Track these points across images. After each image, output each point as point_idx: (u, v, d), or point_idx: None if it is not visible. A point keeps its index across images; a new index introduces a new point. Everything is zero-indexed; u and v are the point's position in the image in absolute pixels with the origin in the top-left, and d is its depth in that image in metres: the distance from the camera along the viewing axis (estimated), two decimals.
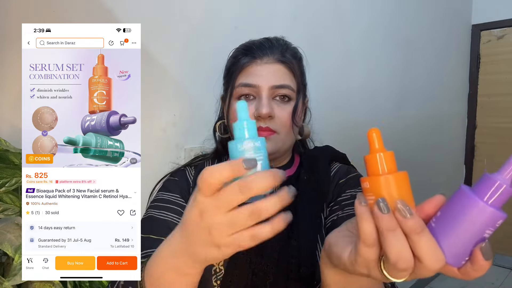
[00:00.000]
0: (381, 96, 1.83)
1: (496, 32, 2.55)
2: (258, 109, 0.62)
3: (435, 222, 0.33)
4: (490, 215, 0.30)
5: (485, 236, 0.31)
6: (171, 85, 0.99)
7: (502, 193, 0.30)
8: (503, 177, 0.30)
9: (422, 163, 2.19)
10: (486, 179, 0.31)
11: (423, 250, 0.31)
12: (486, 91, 2.61)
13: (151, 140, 0.96)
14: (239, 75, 0.66)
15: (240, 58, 0.67)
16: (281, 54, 0.66)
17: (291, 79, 0.66)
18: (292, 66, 0.66)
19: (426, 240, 0.31)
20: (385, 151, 0.33)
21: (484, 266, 0.31)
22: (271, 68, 0.65)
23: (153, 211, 0.64)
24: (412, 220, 0.30)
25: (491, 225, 0.30)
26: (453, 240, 0.31)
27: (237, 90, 0.66)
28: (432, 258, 0.31)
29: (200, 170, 0.72)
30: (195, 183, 0.70)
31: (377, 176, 0.32)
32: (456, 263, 0.32)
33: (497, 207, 0.30)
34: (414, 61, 2.06)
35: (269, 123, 0.63)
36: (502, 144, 2.54)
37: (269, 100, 0.63)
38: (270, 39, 0.69)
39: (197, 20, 1.04)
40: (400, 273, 0.32)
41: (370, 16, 1.71)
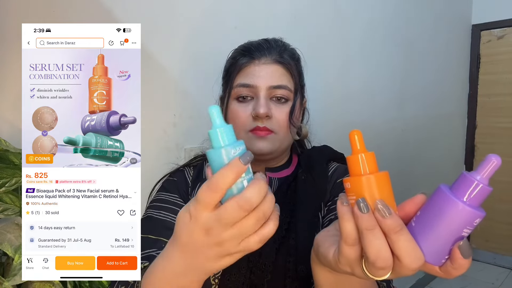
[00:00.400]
0: (381, 96, 1.83)
1: (496, 32, 2.55)
2: (255, 109, 0.63)
3: (415, 221, 0.33)
4: (468, 215, 0.30)
5: (463, 235, 0.31)
6: (171, 85, 0.99)
7: (480, 192, 0.30)
8: (481, 176, 0.31)
9: (422, 163, 2.19)
10: (464, 179, 0.31)
11: (401, 249, 0.31)
12: (486, 91, 2.61)
13: (151, 140, 0.96)
14: (237, 75, 0.67)
15: (239, 58, 0.68)
16: (279, 55, 0.67)
17: (288, 80, 0.67)
18: (290, 67, 0.67)
19: (404, 240, 0.31)
20: (366, 152, 0.34)
21: (463, 264, 0.32)
22: (269, 68, 0.65)
23: (152, 211, 0.65)
24: (390, 220, 0.31)
25: (469, 224, 0.31)
26: (432, 239, 0.31)
27: (235, 90, 0.66)
28: (411, 257, 0.31)
29: (199, 170, 0.73)
30: (194, 183, 0.70)
31: (359, 176, 0.33)
32: (436, 261, 0.32)
33: (475, 206, 0.30)
34: (414, 61, 2.06)
35: (266, 123, 0.64)
36: (502, 144, 2.54)
37: (267, 100, 0.64)
38: (269, 40, 0.70)
39: (197, 20, 1.04)
40: (379, 271, 0.32)
41: (370, 17, 1.71)
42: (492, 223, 2.60)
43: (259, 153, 0.64)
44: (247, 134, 0.65)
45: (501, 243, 2.56)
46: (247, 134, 0.65)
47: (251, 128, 0.64)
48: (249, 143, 0.64)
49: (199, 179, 0.71)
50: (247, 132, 0.65)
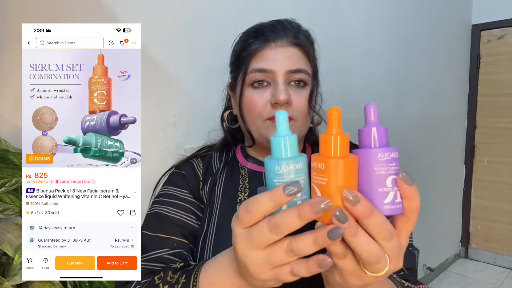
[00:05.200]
0: (381, 96, 1.83)
1: (496, 32, 2.55)
2: (275, 95, 0.59)
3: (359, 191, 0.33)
4: (385, 153, 0.32)
5: (397, 173, 0.32)
6: (171, 85, 0.99)
7: (379, 133, 0.33)
8: (372, 122, 0.33)
9: (422, 163, 2.19)
10: (362, 134, 0.33)
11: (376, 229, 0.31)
12: (486, 91, 2.61)
13: (151, 140, 0.96)
14: (252, 60, 0.62)
15: (252, 42, 0.63)
16: (295, 37, 0.62)
17: (306, 63, 0.63)
18: (307, 48, 0.63)
19: (375, 219, 0.31)
20: (342, 133, 0.33)
21: (412, 192, 0.32)
22: (286, 52, 0.61)
23: (159, 207, 0.62)
24: (360, 207, 0.30)
25: (394, 161, 0.32)
26: (378, 194, 0.32)
27: (250, 76, 0.61)
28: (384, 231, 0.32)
29: (208, 161, 0.69)
30: (205, 175, 0.67)
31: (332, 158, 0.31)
32: (395, 211, 0.32)
33: (384, 145, 0.33)
34: (414, 61, 2.06)
35: (286, 109, 0.59)
36: (502, 144, 2.54)
37: (286, 85, 0.60)
38: (282, 21, 0.65)
39: (197, 20, 1.04)
40: (378, 265, 0.32)
41: (370, 16, 1.71)
42: (492, 223, 2.60)
43: None
44: (264, 122, 0.61)
45: (501, 243, 2.56)
46: (264, 123, 0.61)
47: (270, 116, 0.60)
48: (267, 132, 0.61)
49: (209, 172, 0.67)
50: (264, 120, 0.61)
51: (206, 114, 1.07)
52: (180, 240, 0.59)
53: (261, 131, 0.62)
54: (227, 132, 0.73)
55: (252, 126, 0.63)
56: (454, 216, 2.67)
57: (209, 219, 0.62)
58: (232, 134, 0.73)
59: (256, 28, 0.65)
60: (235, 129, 0.72)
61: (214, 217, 0.62)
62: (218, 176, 0.67)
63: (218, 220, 0.61)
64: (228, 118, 0.72)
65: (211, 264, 0.44)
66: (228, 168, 0.68)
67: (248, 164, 0.68)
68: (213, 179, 0.66)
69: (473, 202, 2.68)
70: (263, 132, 0.62)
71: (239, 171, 0.67)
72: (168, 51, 0.98)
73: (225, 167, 0.69)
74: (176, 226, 0.59)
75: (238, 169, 0.68)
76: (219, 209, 0.62)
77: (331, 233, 0.30)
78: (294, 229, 0.31)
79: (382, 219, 0.31)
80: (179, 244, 0.58)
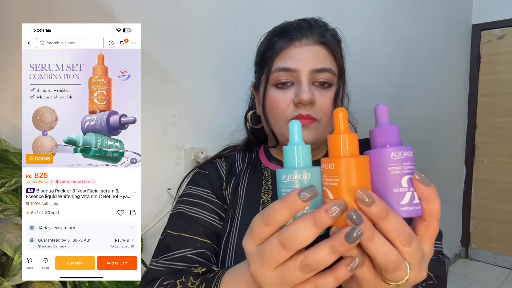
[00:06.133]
0: (381, 96, 1.83)
1: (496, 32, 2.55)
2: (298, 95, 0.57)
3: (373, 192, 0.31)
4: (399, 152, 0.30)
5: (412, 172, 0.31)
6: (171, 85, 0.99)
7: (390, 132, 0.32)
8: (383, 123, 0.33)
9: (422, 163, 2.19)
10: (373, 134, 0.33)
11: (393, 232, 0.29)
12: (486, 91, 2.61)
13: (151, 140, 0.96)
14: (276, 59, 0.60)
15: (276, 41, 0.61)
16: (321, 35, 0.61)
17: (332, 62, 0.61)
18: (333, 47, 0.61)
19: (392, 221, 0.29)
20: (349, 133, 0.32)
21: (431, 193, 0.30)
22: (311, 50, 0.59)
23: (183, 207, 0.61)
24: (376, 207, 0.29)
25: (408, 160, 0.31)
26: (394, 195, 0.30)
27: (273, 75, 0.60)
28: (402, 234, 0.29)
29: (232, 162, 0.69)
30: (228, 176, 0.66)
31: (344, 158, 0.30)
32: (414, 212, 0.31)
33: (397, 144, 0.32)
34: (414, 61, 2.05)
35: (310, 110, 0.58)
36: (502, 144, 2.54)
37: (310, 85, 0.58)
38: (308, 20, 0.64)
39: (197, 20, 1.04)
40: (396, 274, 0.30)
41: (370, 16, 1.71)
42: (492, 223, 2.60)
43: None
44: (287, 123, 0.59)
45: (501, 243, 2.56)
46: (287, 123, 0.60)
47: (293, 116, 0.58)
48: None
49: (232, 173, 0.67)
50: (288, 121, 0.59)
51: (206, 114, 1.07)
52: (203, 240, 0.58)
53: (284, 131, 0.61)
54: (250, 133, 0.72)
55: (275, 127, 0.62)
56: (454, 216, 2.67)
57: (232, 220, 0.61)
58: (255, 134, 0.71)
59: (282, 27, 0.64)
60: (258, 129, 0.71)
61: (237, 218, 0.61)
62: (241, 177, 0.66)
63: (241, 221, 0.60)
64: (252, 118, 0.71)
65: (232, 273, 0.43)
66: (251, 169, 0.68)
67: (271, 165, 0.67)
68: (236, 180, 0.65)
69: (473, 202, 2.68)
70: (286, 132, 0.61)
71: (262, 172, 0.67)
72: (168, 51, 0.98)
73: (248, 168, 0.68)
74: (199, 226, 0.59)
75: (261, 170, 0.67)
76: (242, 210, 0.62)
77: (349, 236, 0.28)
78: (308, 241, 0.28)
79: (399, 221, 0.29)
80: (202, 244, 0.58)
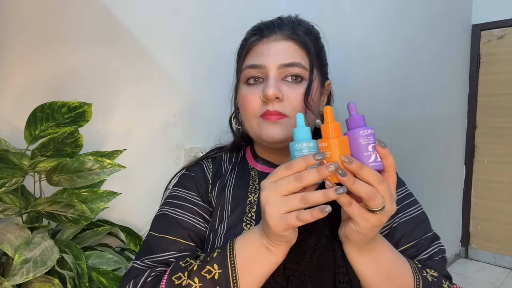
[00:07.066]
0: (381, 96, 1.83)
1: (496, 32, 2.55)
2: (263, 91, 0.57)
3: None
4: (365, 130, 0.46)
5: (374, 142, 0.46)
6: (171, 85, 0.99)
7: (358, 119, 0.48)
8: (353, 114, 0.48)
9: (422, 163, 2.19)
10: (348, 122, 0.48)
11: (368, 177, 0.43)
12: (486, 91, 2.61)
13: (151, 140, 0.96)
14: (246, 56, 0.61)
15: (249, 39, 0.62)
16: (291, 31, 0.60)
17: (302, 57, 0.60)
18: (305, 42, 0.60)
19: (366, 170, 0.43)
20: (334, 122, 0.46)
21: (387, 152, 0.45)
22: (279, 45, 0.59)
23: (167, 209, 0.61)
24: (353, 165, 0.42)
25: (371, 135, 0.46)
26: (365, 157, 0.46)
27: (244, 73, 0.60)
28: (374, 176, 0.43)
29: (219, 163, 0.69)
30: (215, 178, 0.66)
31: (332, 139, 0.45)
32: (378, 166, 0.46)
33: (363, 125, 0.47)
34: (414, 61, 2.06)
35: (277, 105, 0.57)
36: (502, 144, 2.54)
37: (277, 80, 0.58)
38: (281, 17, 0.65)
39: (197, 20, 1.04)
40: (375, 200, 0.42)
41: (370, 16, 1.71)
42: (492, 223, 2.60)
43: (271, 141, 0.58)
44: (257, 119, 0.59)
45: (501, 243, 2.56)
46: (257, 120, 0.59)
47: (261, 112, 0.58)
48: (259, 130, 0.59)
49: (218, 174, 0.67)
50: (257, 117, 0.59)
51: (206, 114, 1.07)
52: (187, 243, 0.58)
53: (255, 128, 0.61)
54: (235, 133, 0.72)
55: (247, 124, 0.62)
56: (454, 216, 2.67)
57: (220, 220, 0.61)
58: (241, 134, 0.71)
59: (255, 26, 0.65)
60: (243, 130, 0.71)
61: (224, 218, 0.61)
62: (227, 178, 0.66)
63: (228, 221, 0.60)
64: (236, 120, 0.71)
65: (243, 238, 0.51)
66: (238, 170, 0.68)
67: (257, 165, 0.67)
68: (222, 182, 0.65)
69: (473, 202, 2.68)
70: (256, 129, 0.60)
71: (249, 173, 0.67)
72: (168, 51, 0.98)
73: (235, 168, 0.68)
74: (183, 229, 0.59)
75: (248, 171, 0.67)
76: (228, 210, 0.62)
77: (338, 189, 0.42)
78: (313, 181, 0.43)
79: (370, 170, 0.43)
80: (186, 247, 0.58)
